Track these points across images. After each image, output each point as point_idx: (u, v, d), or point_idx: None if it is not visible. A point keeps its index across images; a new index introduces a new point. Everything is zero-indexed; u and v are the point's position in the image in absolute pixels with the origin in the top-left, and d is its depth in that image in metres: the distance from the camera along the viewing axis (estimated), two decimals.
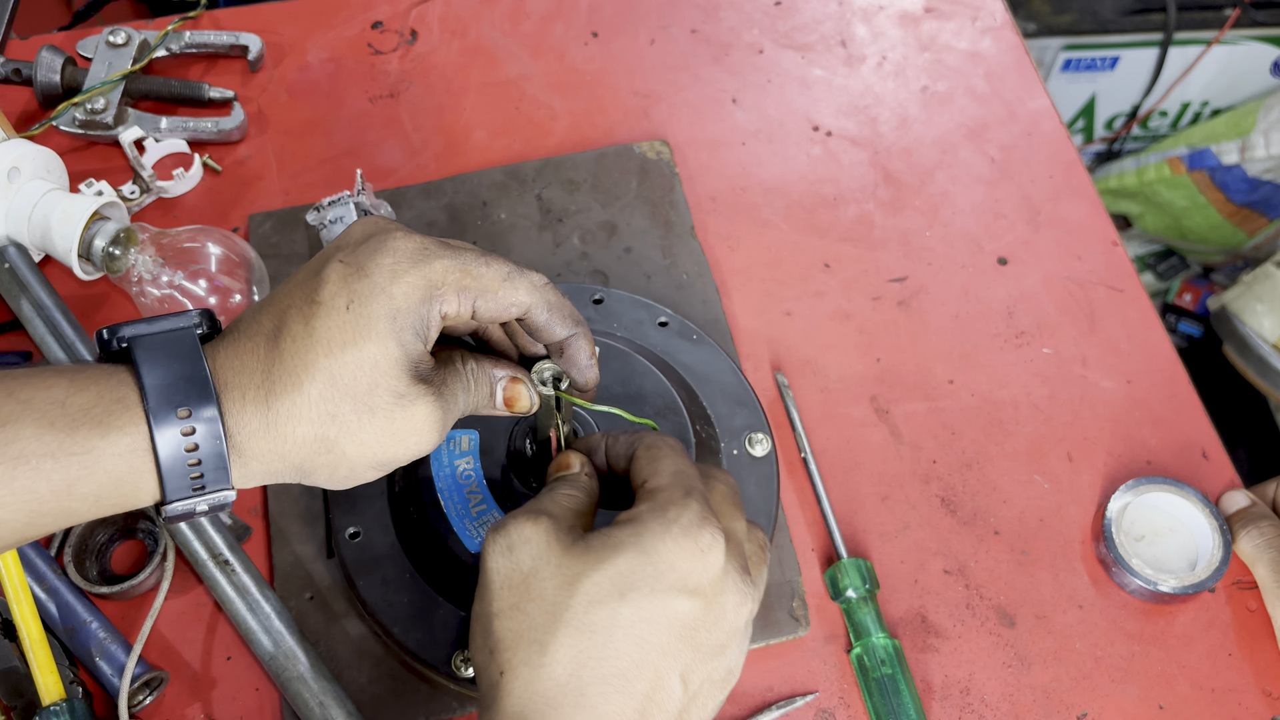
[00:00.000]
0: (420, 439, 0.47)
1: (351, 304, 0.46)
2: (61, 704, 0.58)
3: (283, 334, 0.46)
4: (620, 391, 0.64)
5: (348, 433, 0.46)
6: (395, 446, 0.47)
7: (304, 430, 0.45)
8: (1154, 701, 0.63)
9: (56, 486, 0.43)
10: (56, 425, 0.42)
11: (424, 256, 0.47)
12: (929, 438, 0.71)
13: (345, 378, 0.45)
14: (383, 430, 0.46)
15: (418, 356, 0.47)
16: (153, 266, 0.68)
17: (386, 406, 0.46)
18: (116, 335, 0.46)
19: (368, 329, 0.45)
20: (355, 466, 0.47)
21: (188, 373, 0.44)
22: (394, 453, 0.47)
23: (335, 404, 0.45)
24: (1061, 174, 0.83)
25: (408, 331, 0.46)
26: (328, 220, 0.74)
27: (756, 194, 0.82)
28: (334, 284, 0.46)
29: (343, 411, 0.45)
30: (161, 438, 0.43)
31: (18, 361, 0.71)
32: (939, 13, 0.92)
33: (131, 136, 0.78)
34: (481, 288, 0.48)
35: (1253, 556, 0.64)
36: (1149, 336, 0.76)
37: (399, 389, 0.46)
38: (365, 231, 0.49)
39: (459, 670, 0.57)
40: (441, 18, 0.91)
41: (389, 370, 0.46)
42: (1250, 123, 1.44)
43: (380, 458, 0.47)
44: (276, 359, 0.45)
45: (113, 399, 0.44)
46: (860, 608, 0.63)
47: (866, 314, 0.76)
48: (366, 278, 0.46)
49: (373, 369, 0.45)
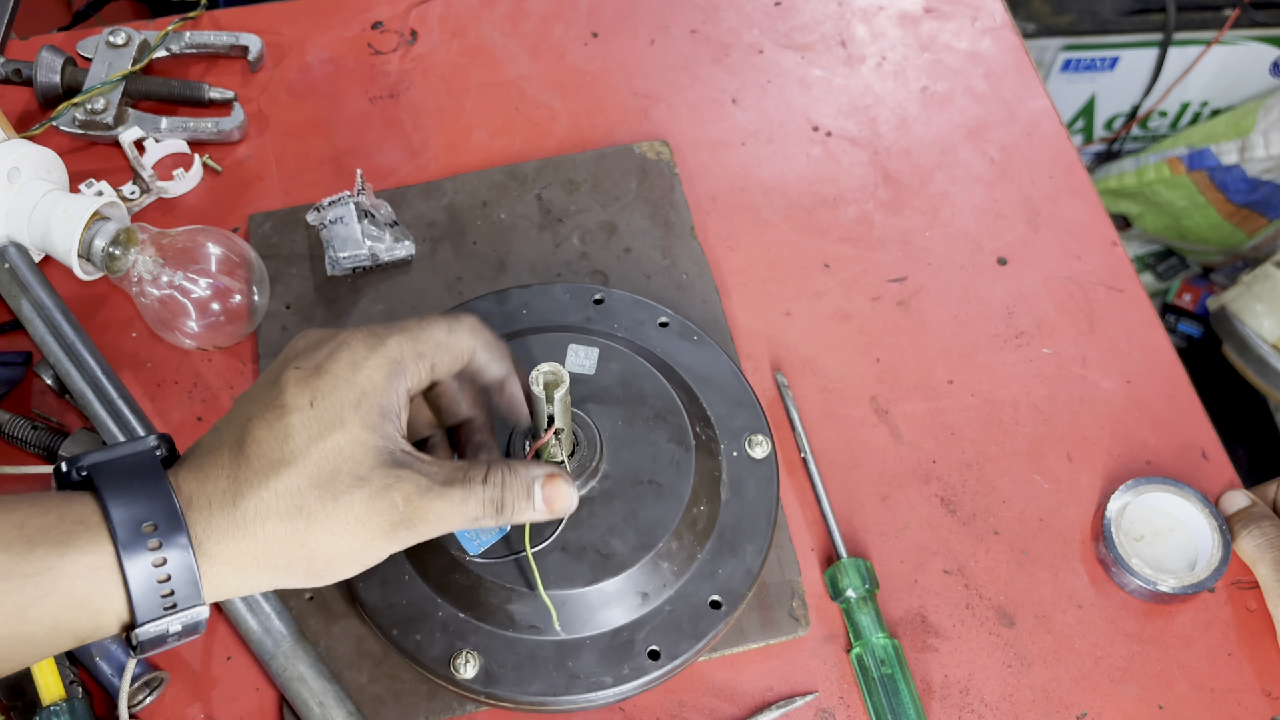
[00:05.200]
0: (394, 528, 0.46)
1: (315, 400, 0.46)
2: (61, 704, 0.58)
3: (247, 441, 0.45)
4: (620, 393, 0.64)
5: (316, 524, 0.45)
6: (364, 535, 0.45)
7: (273, 527, 0.44)
8: (1153, 701, 0.63)
9: (8, 610, 0.41)
10: (12, 547, 0.41)
11: (377, 341, 0.48)
12: (929, 438, 0.71)
13: (311, 469, 0.45)
14: (348, 518, 0.45)
15: (388, 440, 0.46)
16: (153, 267, 0.68)
17: (348, 491, 0.45)
18: (76, 465, 0.45)
19: (334, 420, 0.45)
20: (333, 560, 0.46)
21: (154, 499, 0.44)
22: (364, 542, 0.46)
23: (302, 496, 0.45)
24: (1061, 174, 0.83)
25: (374, 414, 0.46)
26: (328, 220, 0.74)
27: (756, 194, 0.82)
28: (294, 386, 0.46)
29: (309, 502, 0.44)
30: (132, 569, 0.43)
31: (18, 361, 0.71)
32: (939, 13, 0.92)
33: (131, 137, 0.78)
34: (434, 345, 0.49)
35: (1253, 556, 0.64)
36: (1148, 336, 0.76)
37: (360, 473, 0.45)
38: (311, 340, 0.49)
39: (457, 672, 0.57)
40: (441, 18, 0.91)
41: (353, 455, 0.45)
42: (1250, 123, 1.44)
43: (352, 549, 0.46)
44: (243, 463, 0.45)
45: (73, 520, 0.43)
46: (860, 608, 0.63)
47: (866, 314, 0.76)
48: (327, 374, 0.46)
49: (336, 456, 0.45)
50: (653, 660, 0.58)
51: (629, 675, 0.57)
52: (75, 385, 0.67)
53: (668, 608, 0.59)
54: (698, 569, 0.60)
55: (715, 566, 0.60)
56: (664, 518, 0.59)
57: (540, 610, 0.57)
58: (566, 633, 0.58)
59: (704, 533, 0.61)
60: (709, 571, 0.60)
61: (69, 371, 0.67)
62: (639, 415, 0.63)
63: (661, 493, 0.60)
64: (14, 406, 0.71)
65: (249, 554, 0.45)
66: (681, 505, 0.60)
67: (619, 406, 0.63)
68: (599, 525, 0.59)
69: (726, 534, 0.61)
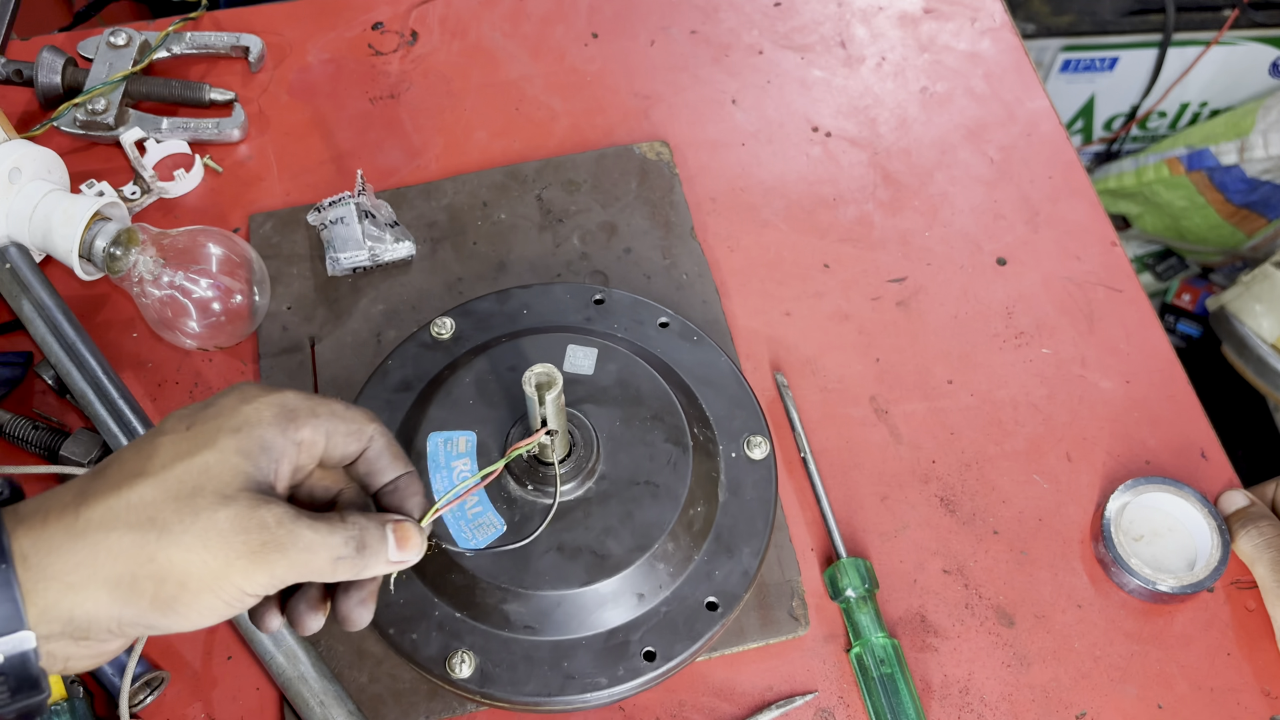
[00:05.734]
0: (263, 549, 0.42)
1: (193, 425, 0.43)
2: (62, 704, 0.58)
3: (110, 463, 0.43)
4: (618, 393, 0.64)
5: (170, 536, 0.40)
6: (225, 554, 0.41)
7: (118, 537, 0.40)
8: (1153, 701, 0.63)
9: None
10: None
11: (275, 389, 0.46)
12: (928, 438, 0.71)
13: (171, 482, 0.41)
14: (208, 533, 0.40)
15: (261, 471, 0.43)
16: (153, 267, 0.69)
17: (210, 508, 0.41)
18: None
19: (206, 440, 0.43)
20: (186, 583, 0.41)
21: None
22: (225, 561, 0.41)
23: (156, 508, 0.40)
24: (1060, 174, 0.83)
25: (253, 444, 0.43)
26: (328, 220, 0.75)
27: (756, 194, 0.82)
28: (175, 417, 0.44)
29: (164, 514, 0.40)
30: None
31: (19, 361, 0.71)
32: (938, 14, 0.92)
33: (132, 137, 0.78)
34: (331, 413, 0.47)
35: (1252, 556, 0.64)
36: (1148, 337, 0.76)
37: (226, 492, 0.41)
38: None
39: (453, 671, 0.57)
40: (442, 19, 0.91)
41: (220, 475, 0.42)
42: (1249, 123, 1.44)
43: (209, 569, 0.41)
44: (96, 477, 0.42)
45: None
46: (860, 607, 0.63)
47: (866, 314, 0.76)
48: (213, 406, 0.45)
49: (202, 473, 0.42)
50: (648, 661, 0.58)
51: (624, 676, 0.57)
52: (76, 385, 0.67)
53: (664, 609, 0.59)
54: (694, 570, 0.60)
55: (712, 568, 0.60)
56: (660, 519, 0.59)
57: (536, 611, 0.57)
58: (559, 632, 0.58)
59: (701, 534, 0.61)
60: (705, 573, 0.60)
61: (70, 371, 0.67)
62: (636, 416, 0.63)
63: (658, 494, 0.60)
64: (15, 406, 0.71)
65: (86, 567, 0.40)
66: (678, 506, 0.60)
67: (617, 407, 0.63)
68: (595, 526, 0.59)
69: (724, 535, 0.61)
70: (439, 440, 0.61)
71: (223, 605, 0.42)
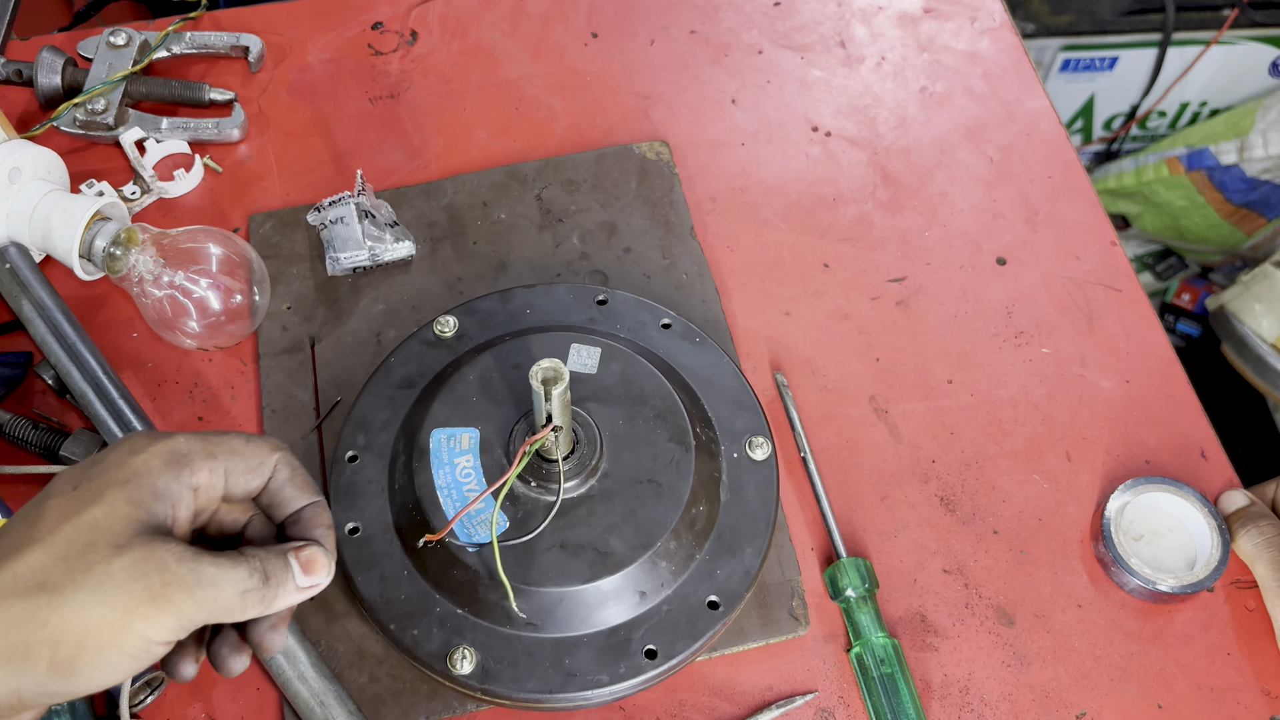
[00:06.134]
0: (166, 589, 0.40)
1: (80, 484, 0.43)
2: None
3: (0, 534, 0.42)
4: (621, 393, 0.64)
5: (62, 596, 0.39)
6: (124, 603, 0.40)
7: (6, 608, 0.39)
8: (1153, 700, 0.63)
9: None
10: None
11: (164, 436, 0.45)
12: (928, 437, 0.71)
13: (60, 545, 0.40)
14: (103, 586, 0.39)
15: (157, 519, 0.42)
16: (154, 267, 0.69)
17: (104, 560, 0.40)
18: None
19: (93, 497, 0.42)
20: (83, 644, 0.39)
21: None
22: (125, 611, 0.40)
23: (46, 572, 0.40)
24: (1060, 174, 0.83)
25: (144, 493, 0.42)
26: (328, 220, 0.75)
27: (756, 194, 0.82)
28: (61, 480, 0.44)
29: (54, 577, 0.40)
30: None
31: (19, 361, 0.71)
32: (938, 13, 0.92)
33: (132, 137, 0.78)
34: (228, 451, 0.46)
35: (1252, 556, 0.64)
36: (1147, 336, 0.76)
37: (118, 542, 0.40)
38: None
39: (453, 667, 0.57)
40: (441, 18, 0.91)
41: (110, 527, 0.41)
42: (1249, 123, 1.44)
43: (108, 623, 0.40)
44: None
45: None
46: (860, 607, 0.63)
47: (865, 314, 0.76)
48: (99, 463, 0.44)
49: (91, 529, 0.41)
50: (649, 659, 0.58)
51: (625, 674, 0.57)
52: (76, 385, 0.67)
53: (665, 607, 0.59)
54: (696, 569, 0.60)
55: (713, 567, 0.60)
56: (663, 517, 0.60)
57: (537, 608, 0.58)
58: (561, 629, 0.58)
59: (703, 533, 0.61)
60: (707, 572, 0.60)
61: (70, 371, 0.67)
62: (640, 415, 0.63)
63: (661, 492, 0.60)
64: (15, 406, 0.71)
65: None
66: (681, 505, 0.60)
67: (620, 406, 0.63)
68: (597, 524, 0.59)
69: (725, 535, 0.61)
70: (442, 436, 0.62)
71: (127, 660, 0.41)
